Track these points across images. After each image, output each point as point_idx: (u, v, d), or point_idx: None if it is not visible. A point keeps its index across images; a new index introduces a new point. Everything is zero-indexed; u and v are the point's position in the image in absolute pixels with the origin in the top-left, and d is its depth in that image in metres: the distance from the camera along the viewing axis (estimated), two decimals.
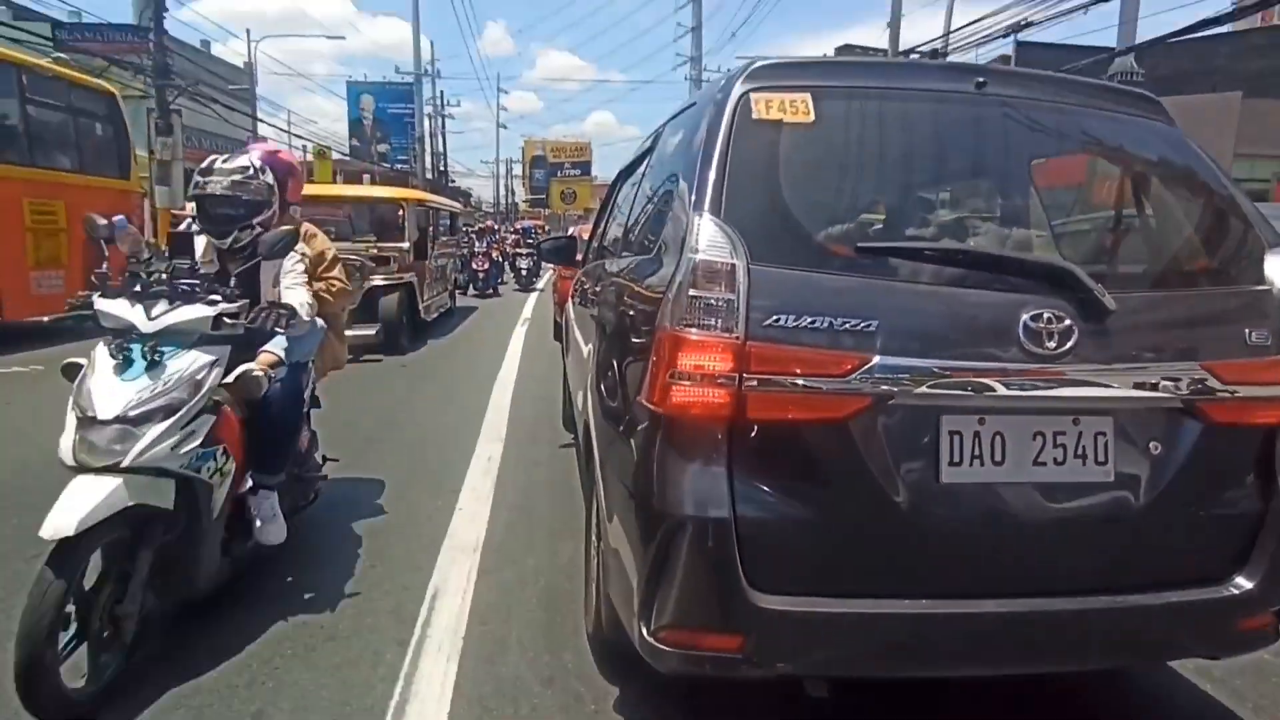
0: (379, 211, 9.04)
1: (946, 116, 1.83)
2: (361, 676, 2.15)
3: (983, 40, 13.50)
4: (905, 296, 1.56)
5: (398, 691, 2.07)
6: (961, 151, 1.92)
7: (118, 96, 9.72)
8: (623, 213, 3.03)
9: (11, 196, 7.57)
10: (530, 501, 3.57)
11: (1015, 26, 12.77)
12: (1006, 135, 1.85)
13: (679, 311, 1.53)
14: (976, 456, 1.53)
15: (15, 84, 7.90)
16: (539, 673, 2.18)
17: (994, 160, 1.93)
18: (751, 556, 1.49)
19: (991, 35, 12.81)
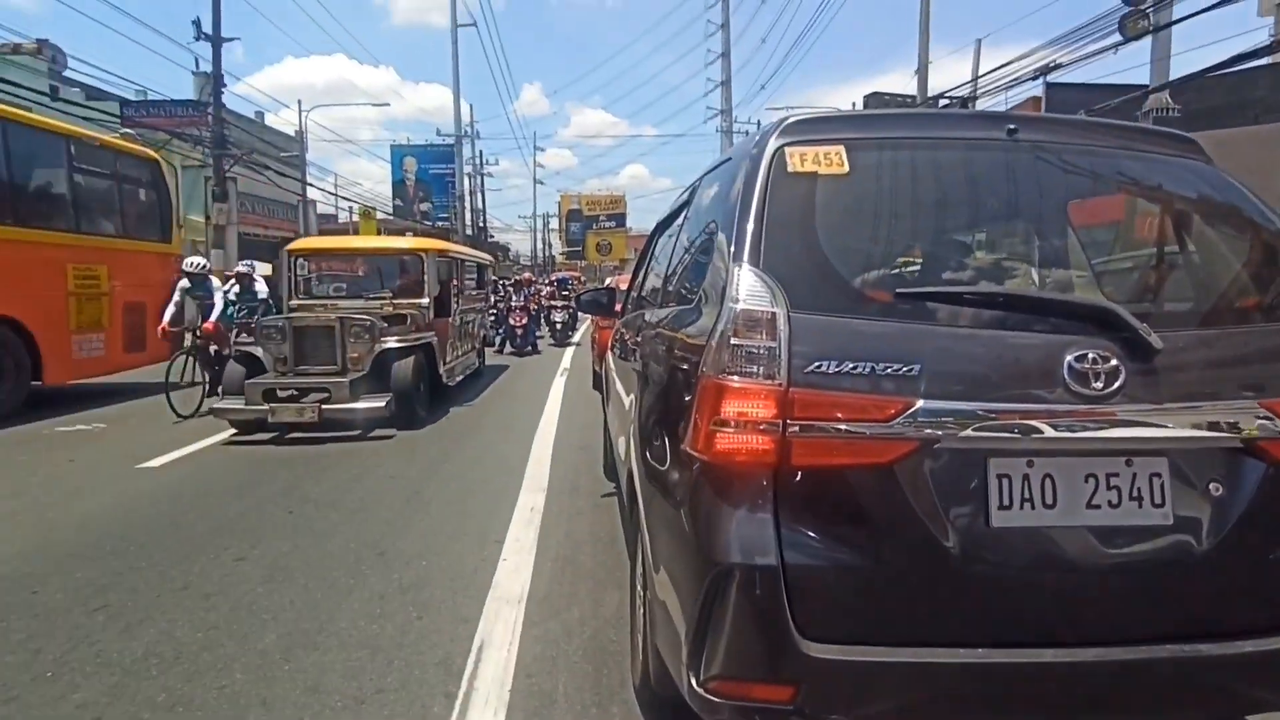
0: (396, 265, 8.41)
1: (979, 163, 1.85)
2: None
3: (1011, 83, 13.53)
4: (946, 340, 1.56)
5: None
6: (996, 197, 1.93)
7: (161, 163, 10.04)
8: (661, 264, 3.08)
9: (56, 261, 7.87)
10: (574, 552, 3.57)
11: (1044, 69, 12.78)
12: (1040, 179, 1.86)
13: (721, 360, 1.55)
14: (1027, 499, 1.51)
15: (64, 154, 8.30)
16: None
17: (1029, 204, 1.93)
18: (801, 604, 1.47)
19: (1020, 78, 12.82)
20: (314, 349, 6.56)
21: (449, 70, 35.23)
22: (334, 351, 6.54)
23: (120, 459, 5.58)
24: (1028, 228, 2.00)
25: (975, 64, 17.58)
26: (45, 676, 2.44)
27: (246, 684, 2.39)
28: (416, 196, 40.89)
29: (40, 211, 8.02)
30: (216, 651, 2.60)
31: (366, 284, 8.34)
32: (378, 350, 6.62)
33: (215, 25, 17.48)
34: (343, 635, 2.72)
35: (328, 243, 9.23)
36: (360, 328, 6.58)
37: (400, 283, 8.13)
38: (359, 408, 6.27)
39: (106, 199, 9.11)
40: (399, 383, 6.58)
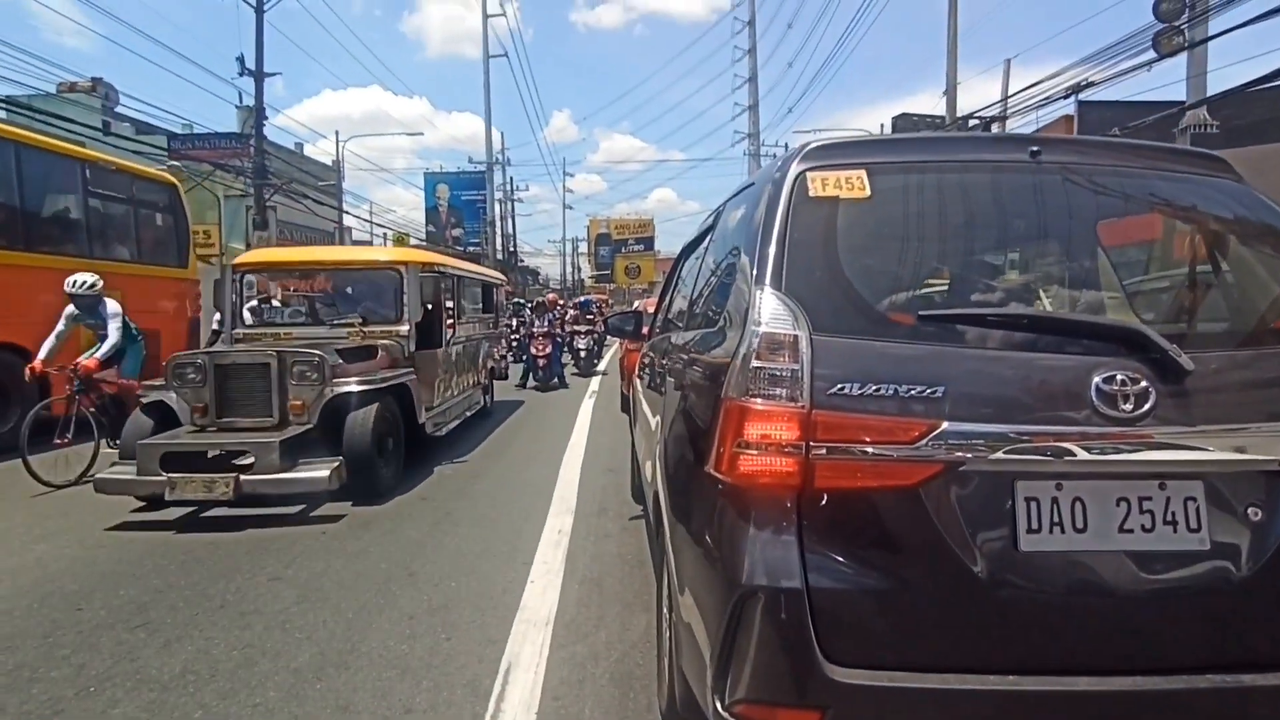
0: (368, 282, 6.69)
1: (1003, 185, 1.85)
2: None
3: (1042, 102, 13.37)
4: (971, 362, 1.55)
5: None
6: (1021, 219, 1.93)
7: (178, 187, 9.87)
8: (687, 287, 3.11)
9: None
10: (601, 574, 3.57)
11: (1075, 87, 12.62)
12: (1067, 200, 1.85)
13: (744, 382, 1.57)
14: (1056, 523, 1.49)
15: (79, 179, 8.17)
16: None
17: (1055, 225, 1.92)
18: (826, 628, 1.46)
19: (1051, 97, 12.68)
20: (244, 395, 4.93)
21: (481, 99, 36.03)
22: (269, 398, 4.89)
23: None
24: (1055, 249, 1.99)
25: (1005, 84, 17.47)
26: (89, 691, 2.51)
27: (280, 702, 2.43)
28: (449, 222, 41.64)
29: (51, 236, 7.86)
30: (251, 669, 2.65)
31: (336, 307, 6.72)
32: (329, 395, 4.95)
33: (258, 61, 18.14)
34: (373, 655, 2.75)
35: (283, 255, 7.26)
36: (306, 366, 4.93)
37: (374, 306, 6.44)
38: (295, 478, 4.53)
39: (122, 224, 8.93)
40: (354, 442, 4.86)
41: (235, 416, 4.96)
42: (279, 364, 4.94)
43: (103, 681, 2.58)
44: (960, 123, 16.06)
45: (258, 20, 18.03)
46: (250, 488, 4.43)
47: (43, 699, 2.48)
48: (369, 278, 6.67)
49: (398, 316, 6.19)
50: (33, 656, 2.78)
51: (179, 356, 5.09)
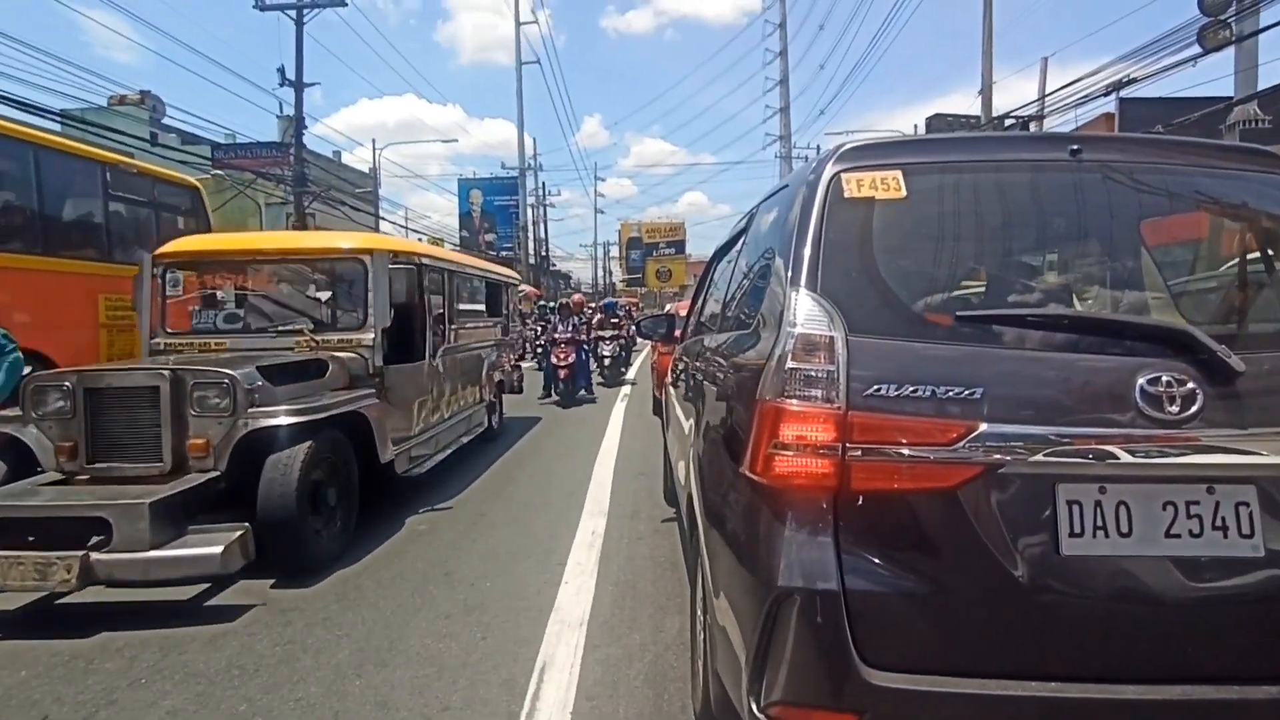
0: (325, 277, 5.32)
1: (1042, 185, 1.82)
2: None
3: (1081, 100, 13.03)
4: (1010, 364, 1.53)
5: None
6: (1061, 218, 1.89)
7: (201, 190, 9.69)
8: (720, 290, 3.11)
9: (88, 292, 7.30)
10: (634, 576, 3.58)
11: (1116, 84, 12.29)
12: (1109, 199, 1.81)
13: (779, 383, 1.57)
14: (1100, 527, 1.46)
15: (99, 182, 7.88)
16: None
17: (1097, 225, 1.87)
18: (864, 630, 1.45)
19: (1091, 95, 12.37)
20: (125, 430, 3.61)
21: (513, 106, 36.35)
22: (158, 435, 3.55)
23: None
24: (1096, 249, 1.94)
25: (1042, 82, 17.10)
26: (140, 683, 2.60)
27: (320, 697, 2.49)
28: (482, 228, 42.13)
29: (71, 240, 7.56)
30: (293, 665, 2.71)
31: (287, 309, 5.21)
32: (244, 431, 3.59)
33: (298, 72, 18.58)
34: (410, 653, 2.80)
35: (214, 243, 5.61)
36: (210, 390, 3.61)
37: (332, 307, 5.09)
38: (171, 557, 3.14)
39: (143, 228, 8.54)
40: (270, 498, 3.49)
41: (113, 461, 3.57)
42: (173, 388, 3.53)
43: (153, 673, 2.66)
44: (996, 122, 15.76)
45: (298, 32, 18.48)
46: (105, 571, 3.03)
47: (97, 689, 2.57)
48: (325, 271, 5.24)
49: (361, 321, 4.70)
50: (87, 648, 2.87)
51: (39, 377, 3.69)
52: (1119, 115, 16.17)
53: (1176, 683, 1.43)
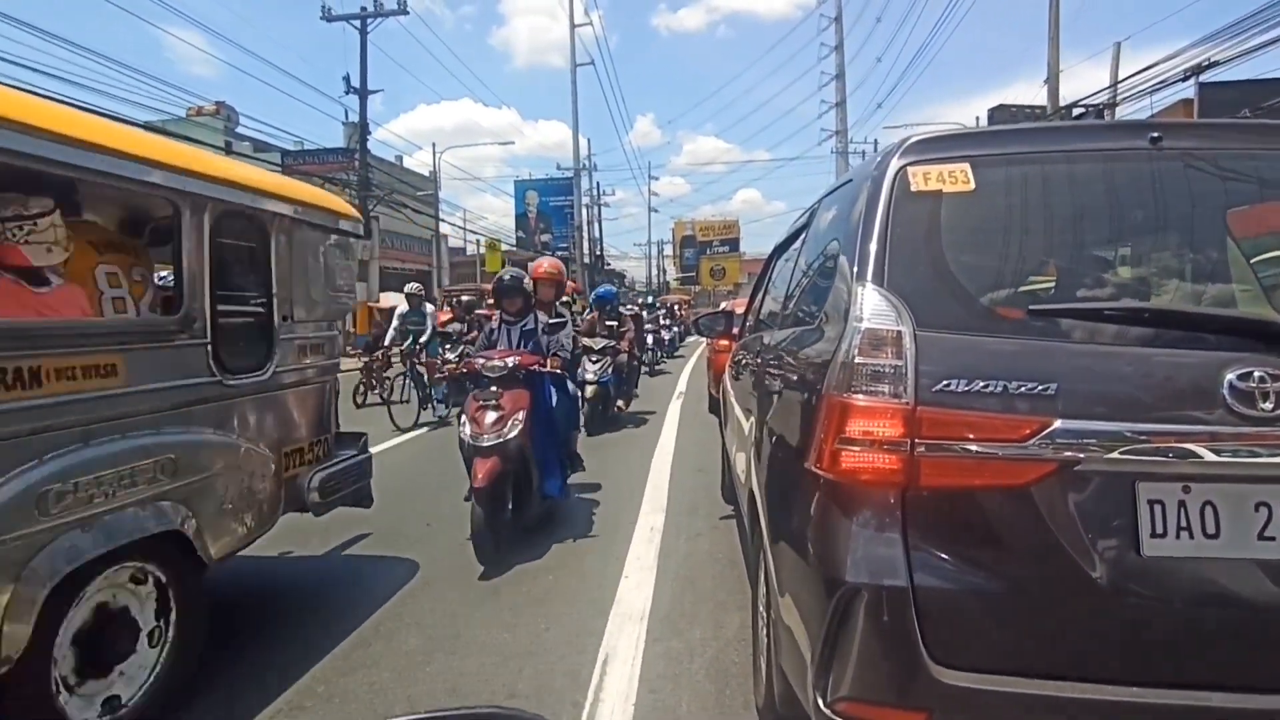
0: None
1: (1119, 175, 1.76)
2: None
3: (1157, 86, 12.36)
4: (1085, 358, 1.50)
5: None
6: (1140, 209, 1.82)
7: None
8: (779, 287, 3.10)
9: None
10: (694, 572, 3.60)
11: (1195, 68, 11.65)
12: (1191, 188, 1.75)
13: (846, 378, 1.55)
14: (1184, 528, 1.40)
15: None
16: None
17: (1178, 215, 1.80)
18: (933, 628, 1.43)
19: (1168, 80, 11.75)
20: None
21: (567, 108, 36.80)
22: None
23: None
24: (1177, 241, 1.87)
25: (1114, 68, 16.30)
26: (225, 659, 2.73)
27: (392, 681, 2.59)
28: (538, 228, 42.69)
29: None
30: (366, 650, 2.82)
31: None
32: None
33: (362, 79, 19.20)
34: (478, 642, 2.88)
35: None
36: None
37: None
38: None
39: None
40: None
41: None
42: None
43: (238, 649, 2.80)
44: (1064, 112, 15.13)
45: (361, 41, 19.08)
46: None
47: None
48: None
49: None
50: None
51: None
52: (1198, 101, 15.35)
53: (1265, 692, 1.37)
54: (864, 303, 1.60)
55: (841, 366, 1.58)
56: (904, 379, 1.49)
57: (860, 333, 1.56)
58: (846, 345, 1.58)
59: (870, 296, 1.60)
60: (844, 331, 1.62)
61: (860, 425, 1.51)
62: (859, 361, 1.54)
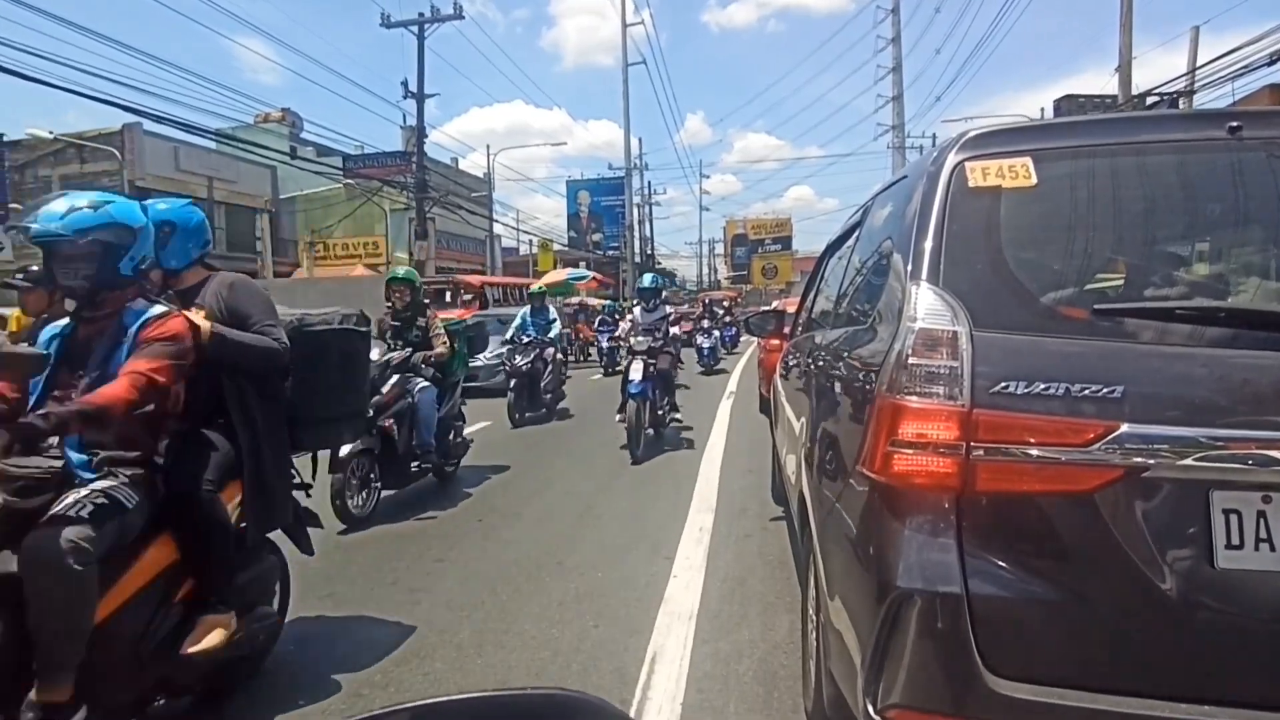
0: None
1: (1192, 167, 1.69)
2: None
3: (1240, 72, 11.65)
4: (1155, 360, 1.44)
5: None
6: (1213, 204, 1.73)
7: None
8: (832, 286, 3.05)
9: None
10: (743, 572, 3.57)
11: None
12: (1274, 180, 1.66)
13: (899, 380, 1.52)
14: (1264, 540, 1.33)
15: None
16: None
17: (1259, 210, 1.71)
18: (988, 637, 1.39)
19: (1252, 65, 11.07)
20: None
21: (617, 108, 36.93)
22: None
23: None
24: (1258, 237, 1.77)
25: (1192, 54, 15.45)
26: (289, 650, 2.84)
27: (445, 671, 2.65)
28: (589, 228, 42.98)
29: None
30: (421, 641, 2.89)
31: None
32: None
33: (420, 83, 19.63)
34: (526, 636, 2.92)
35: None
36: None
37: None
38: None
39: None
40: None
41: None
42: None
43: (300, 640, 2.90)
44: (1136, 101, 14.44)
45: (419, 46, 19.50)
46: None
47: None
48: None
49: None
50: None
51: None
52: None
53: None
54: (918, 302, 1.56)
55: (894, 367, 1.55)
56: (960, 380, 1.45)
57: (914, 333, 1.53)
58: (900, 345, 1.55)
59: (925, 295, 1.56)
60: (897, 331, 1.58)
61: (914, 428, 1.48)
62: (913, 362, 1.51)
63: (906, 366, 1.52)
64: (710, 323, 16.39)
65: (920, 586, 1.43)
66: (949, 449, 1.44)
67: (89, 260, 2.10)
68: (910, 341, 1.53)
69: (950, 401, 1.46)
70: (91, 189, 10.58)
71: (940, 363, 1.48)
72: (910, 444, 1.48)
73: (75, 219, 2.07)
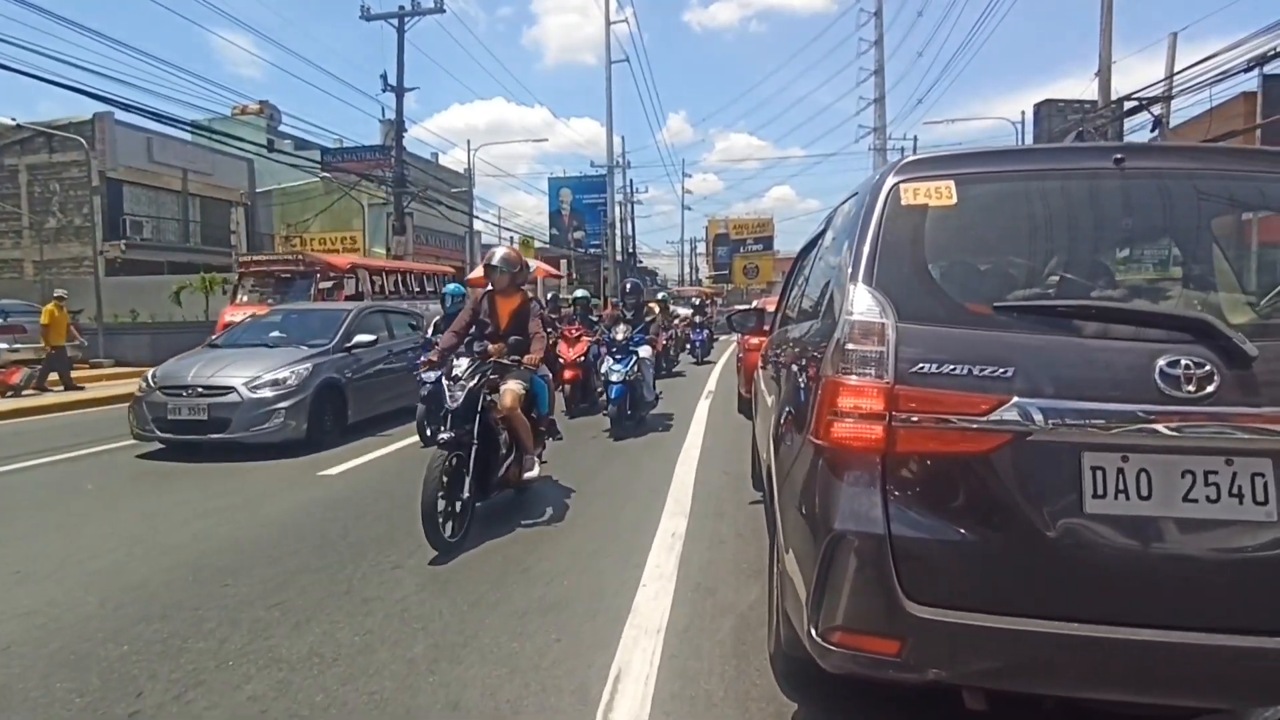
0: None
1: (1084, 191, 2.06)
2: None
3: (1218, 78, 11.81)
4: (1040, 347, 1.77)
5: None
6: (1099, 221, 2.11)
7: None
8: (801, 284, 3.44)
9: None
10: (715, 582, 3.48)
11: (1260, 58, 11.09)
12: (1146, 202, 2.05)
13: (838, 362, 1.88)
14: (1121, 491, 1.67)
15: None
16: None
17: (1135, 226, 2.15)
18: (907, 570, 1.73)
19: (1230, 71, 11.20)
20: None
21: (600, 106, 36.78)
22: None
23: (304, 467, 6.10)
24: (1131, 248, 2.26)
25: (1170, 60, 15.57)
26: (227, 665, 2.71)
27: (394, 692, 2.51)
28: (571, 225, 42.73)
29: None
30: (370, 656, 2.76)
31: None
32: None
33: (399, 76, 19.35)
34: (484, 650, 2.79)
35: None
36: None
37: None
38: None
39: None
40: None
41: None
42: None
43: (240, 657, 2.77)
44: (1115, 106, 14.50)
45: (399, 39, 19.17)
46: None
47: (188, 668, 2.72)
48: None
49: None
50: (182, 626, 3.00)
51: None
52: (1262, 94, 14.60)
53: (1190, 629, 1.62)
54: (855, 299, 1.91)
55: (835, 352, 1.91)
56: (886, 363, 1.81)
57: (851, 324, 1.88)
58: (839, 334, 1.92)
59: (861, 293, 1.91)
60: (838, 323, 1.95)
61: (849, 401, 1.83)
62: (849, 348, 1.86)
63: (844, 351, 1.87)
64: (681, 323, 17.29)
65: (852, 528, 1.78)
66: (876, 418, 1.79)
67: None
68: (847, 330, 1.89)
69: (878, 379, 1.81)
70: (60, 180, 10.71)
71: (871, 348, 1.83)
72: (846, 414, 1.84)
73: None
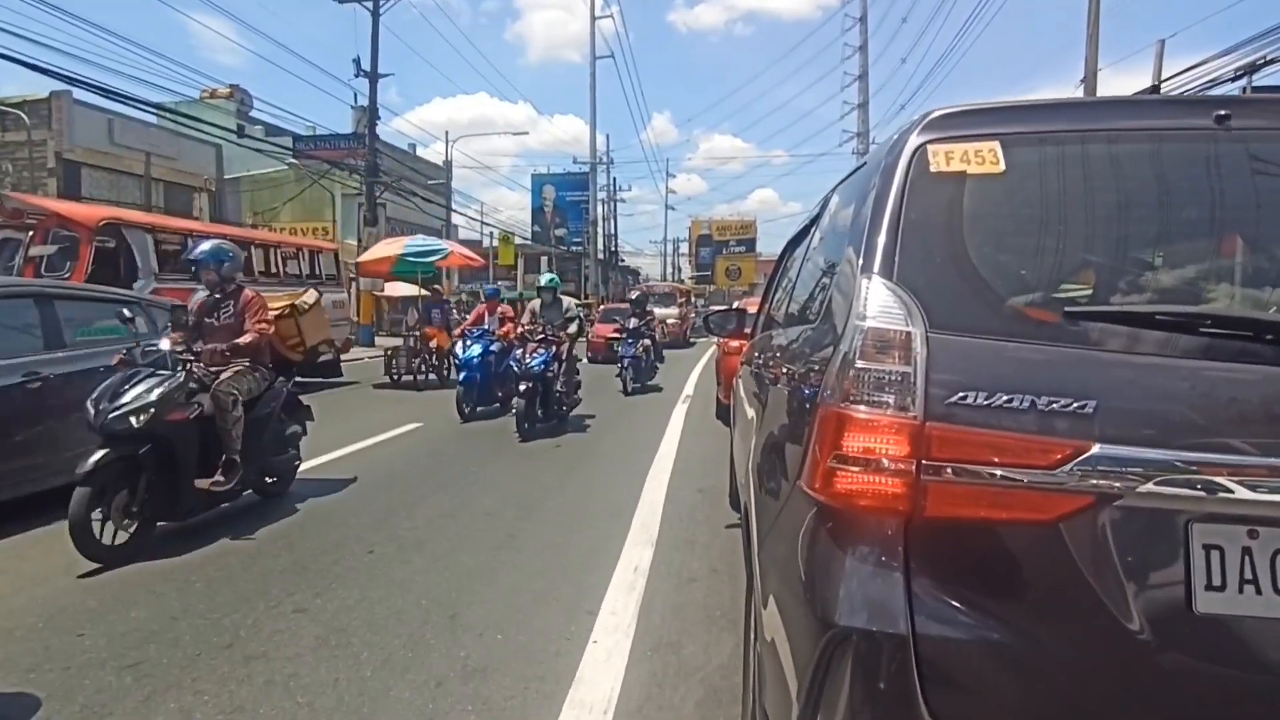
0: None
1: (1175, 158, 1.54)
2: None
3: (1207, 85, 11.74)
4: (1132, 371, 1.31)
5: None
6: (1200, 199, 1.56)
7: None
8: (789, 282, 2.94)
9: None
10: (681, 635, 2.96)
11: (1249, 67, 10.96)
12: (1264, 176, 1.50)
13: (844, 386, 1.39)
14: (1249, 581, 1.21)
15: None
16: None
17: (1248, 209, 1.55)
18: (936, 684, 1.25)
19: (1218, 79, 11.07)
20: None
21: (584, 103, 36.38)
22: None
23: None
24: (1247, 237, 1.56)
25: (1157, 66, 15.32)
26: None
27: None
28: (553, 222, 42.24)
29: None
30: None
31: None
32: None
33: (373, 60, 18.71)
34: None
35: None
36: None
37: None
38: None
39: None
40: None
41: None
42: None
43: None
44: None
45: (374, 22, 18.49)
46: None
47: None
48: None
49: None
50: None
51: None
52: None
53: None
54: (869, 298, 1.43)
55: (840, 371, 1.43)
56: (912, 389, 1.33)
57: (863, 333, 1.40)
58: (847, 347, 1.44)
59: (876, 291, 1.43)
60: (845, 331, 1.47)
61: (859, 441, 1.35)
62: (860, 366, 1.38)
63: (853, 371, 1.39)
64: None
65: (861, 625, 1.29)
66: (898, 467, 1.32)
67: None
68: (858, 343, 1.40)
69: (901, 413, 1.33)
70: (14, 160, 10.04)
71: (891, 368, 1.36)
72: (855, 460, 1.36)
73: None
